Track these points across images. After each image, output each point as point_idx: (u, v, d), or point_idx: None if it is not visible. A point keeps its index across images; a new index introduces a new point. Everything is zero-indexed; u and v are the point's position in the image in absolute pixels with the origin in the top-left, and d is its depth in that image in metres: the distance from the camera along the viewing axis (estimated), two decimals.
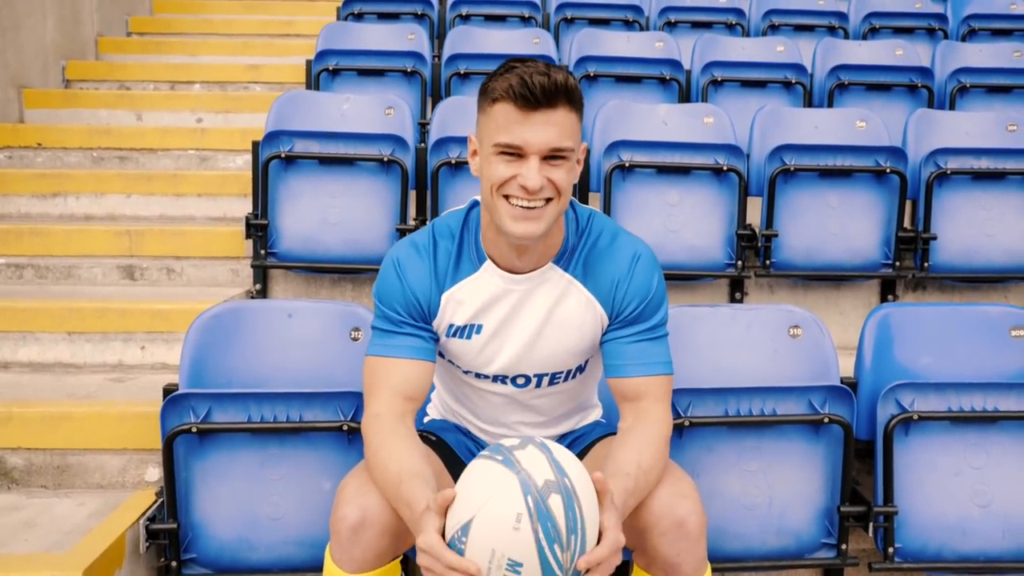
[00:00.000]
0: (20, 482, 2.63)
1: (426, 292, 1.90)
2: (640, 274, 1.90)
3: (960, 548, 2.37)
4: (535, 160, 1.71)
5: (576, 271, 1.91)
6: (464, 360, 1.97)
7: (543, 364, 1.95)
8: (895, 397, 2.37)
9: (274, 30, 6.53)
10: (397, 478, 1.69)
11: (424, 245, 1.92)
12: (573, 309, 1.91)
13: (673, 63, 4.61)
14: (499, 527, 1.44)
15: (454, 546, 1.48)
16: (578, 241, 1.92)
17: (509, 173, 1.73)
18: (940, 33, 5.67)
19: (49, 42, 5.42)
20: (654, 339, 1.90)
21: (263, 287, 3.58)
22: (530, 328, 1.91)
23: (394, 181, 3.51)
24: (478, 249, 1.91)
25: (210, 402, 2.20)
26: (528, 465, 1.48)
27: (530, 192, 1.72)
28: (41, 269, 3.70)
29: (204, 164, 4.73)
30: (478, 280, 1.91)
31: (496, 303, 1.90)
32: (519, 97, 1.69)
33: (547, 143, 1.71)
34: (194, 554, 2.23)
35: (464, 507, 1.48)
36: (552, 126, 1.71)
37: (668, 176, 3.49)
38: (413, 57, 4.66)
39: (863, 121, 4.04)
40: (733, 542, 2.31)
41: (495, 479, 1.48)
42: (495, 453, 1.52)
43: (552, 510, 1.44)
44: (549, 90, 1.68)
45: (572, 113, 1.74)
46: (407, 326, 1.89)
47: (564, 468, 1.49)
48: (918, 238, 3.54)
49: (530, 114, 1.70)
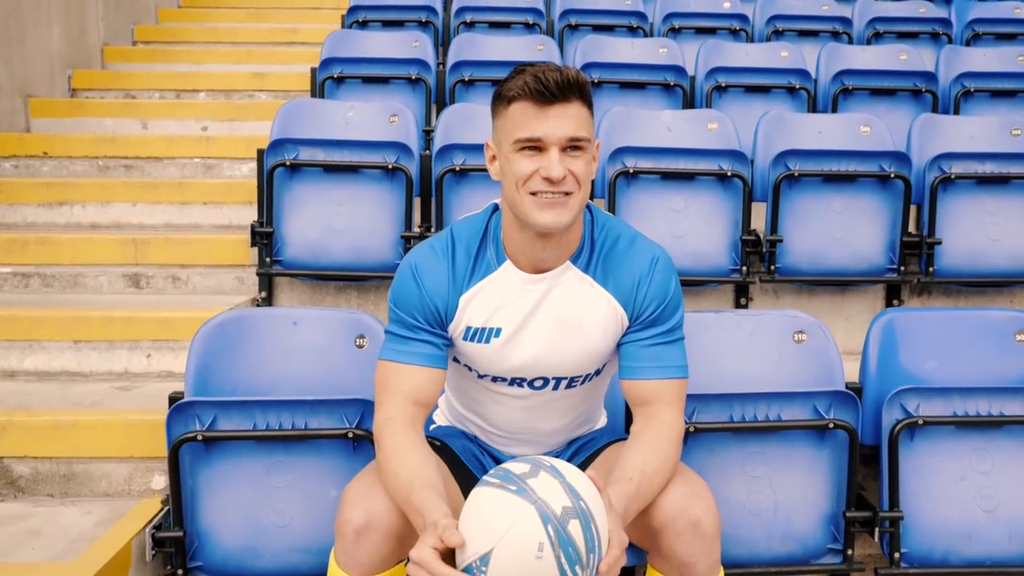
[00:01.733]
0: (26, 490, 2.64)
1: (444, 295, 1.91)
2: (659, 276, 1.92)
3: (966, 553, 2.37)
4: (555, 151, 1.76)
5: (595, 273, 1.92)
6: (481, 363, 1.97)
7: (563, 366, 1.95)
8: (900, 402, 2.37)
9: (279, 38, 6.55)
10: (408, 486, 1.70)
11: (443, 248, 1.94)
12: (594, 312, 1.91)
13: (677, 69, 4.61)
14: (521, 557, 1.46)
15: (474, 574, 1.50)
16: (595, 242, 1.94)
17: (532, 167, 1.77)
18: (944, 38, 5.67)
19: (55, 51, 5.44)
20: (670, 343, 1.91)
21: (268, 295, 3.59)
22: (549, 330, 1.92)
23: (399, 188, 3.51)
24: (498, 251, 1.92)
25: (216, 410, 2.20)
26: (544, 494, 1.49)
27: (554, 182, 1.75)
28: (47, 278, 3.71)
29: (209, 172, 4.75)
30: (496, 280, 1.92)
31: (514, 303, 1.91)
32: (535, 93, 1.75)
33: (566, 133, 1.76)
34: (200, 562, 2.23)
35: (483, 537, 1.49)
36: (569, 118, 1.76)
37: (672, 182, 3.49)
38: (417, 64, 4.67)
39: (867, 126, 4.04)
40: (739, 547, 2.30)
41: (513, 510, 1.48)
42: (507, 482, 1.52)
43: (572, 536, 1.46)
44: (563, 84, 1.75)
45: (585, 107, 1.79)
46: (422, 332, 1.90)
47: (578, 491, 1.50)
48: (923, 243, 3.54)
49: (547, 108, 1.75)
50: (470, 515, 1.54)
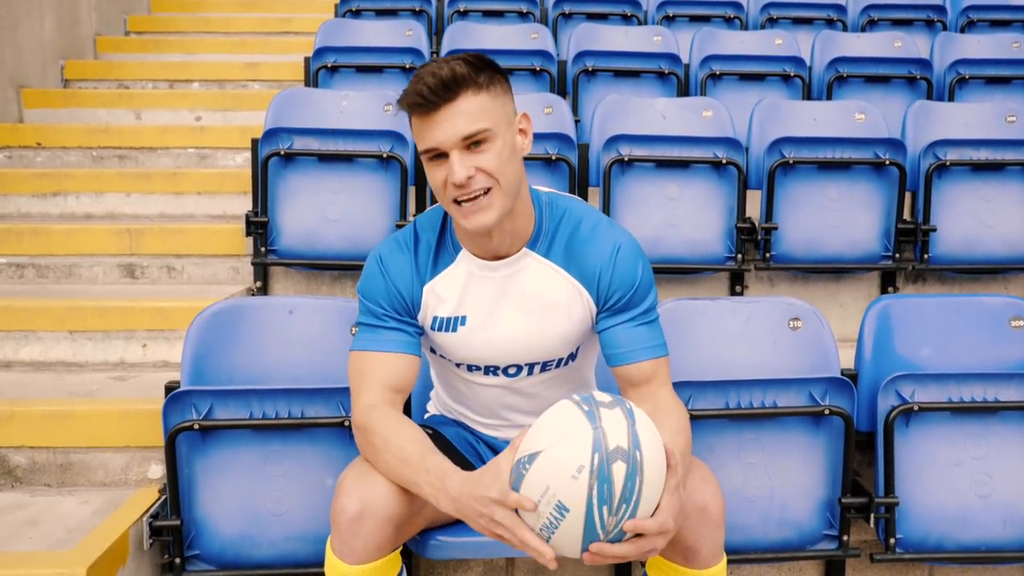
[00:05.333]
0: (23, 480, 2.64)
1: (408, 285, 1.92)
2: (622, 265, 1.90)
3: (961, 538, 2.38)
4: (455, 154, 1.73)
5: (556, 258, 1.92)
6: (454, 353, 1.98)
7: (534, 352, 1.96)
8: (895, 388, 2.37)
9: (272, 28, 6.52)
10: (420, 455, 1.70)
11: (405, 241, 1.95)
12: (558, 295, 1.91)
13: (671, 57, 4.61)
14: (560, 470, 1.48)
15: (518, 469, 1.53)
16: (555, 227, 1.92)
17: (442, 175, 1.75)
18: (939, 24, 5.67)
19: (47, 42, 5.42)
20: (649, 323, 1.92)
21: (264, 284, 3.58)
22: (515, 316, 1.92)
23: (393, 177, 3.51)
24: (453, 241, 1.94)
25: (212, 399, 2.20)
26: (607, 425, 1.50)
27: (460, 186, 1.73)
28: (42, 268, 3.70)
29: (203, 162, 4.73)
30: (456, 270, 1.93)
31: (475, 292, 1.92)
32: (415, 107, 1.73)
33: (456, 134, 1.72)
34: (197, 550, 2.23)
35: (539, 438, 1.53)
36: (457, 117, 1.71)
37: (667, 170, 3.49)
38: (411, 53, 4.66)
39: (862, 113, 4.04)
40: (735, 534, 2.31)
41: (573, 425, 1.51)
42: (584, 402, 1.55)
43: (613, 475, 1.47)
44: (439, 87, 1.70)
45: (480, 95, 1.73)
46: (391, 320, 1.91)
47: (640, 440, 1.50)
48: (918, 230, 3.55)
49: (433, 115, 1.72)
50: (541, 417, 1.57)
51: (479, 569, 2.53)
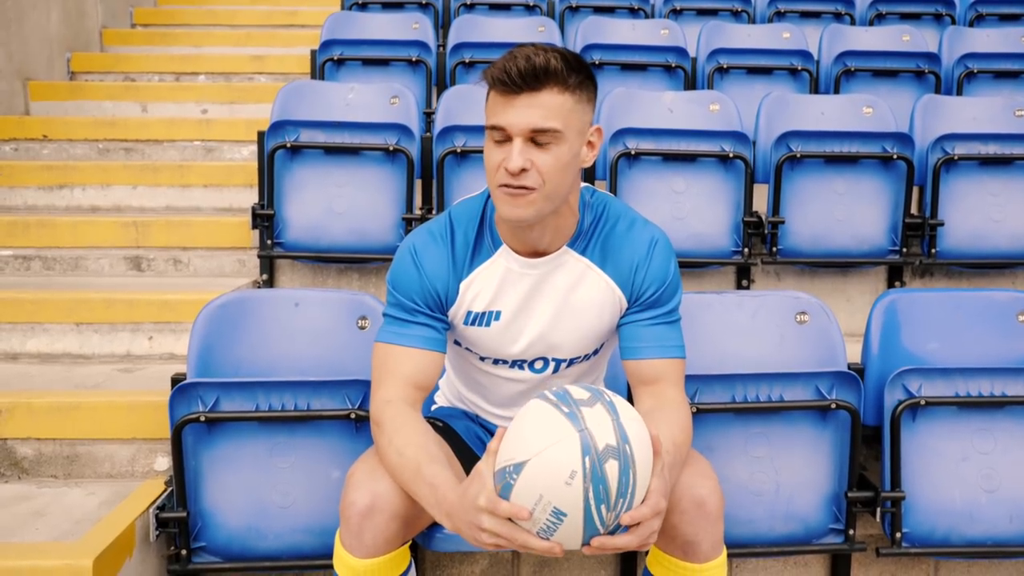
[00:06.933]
0: (30, 472, 2.64)
1: (444, 280, 1.90)
2: (658, 259, 1.90)
3: (967, 533, 2.37)
4: (518, 142, 1.71)
5: (593, 255, 1.91)
6: (482, 347, 1.97)
7: (563, 348, 1.96)
8: (902, 382, 2.37)
9: (278, 20, 6.53)
10: (416, 462, 1.70)
11: (442, 233, 1.92)
12: (592, 293, 1.91)
13: (678, 51, 4.60)
14: (552, 478, 1.46)
15: (504, 479, 1.50)
16: (594, 226, 1.92)
17: (499, 158, 1.73)
18: (947, 18, 5.64)
19: (54, 34, 5.42)
20: (670, 323, 1.91)
21: (270, 277, 3.59)
22: (548, 312, 1.92)
23: (400, 170, 3.51)
24: (493, 235, 1.92)
25: (218, 391, 2.20)
26: (592, 424, 1.48)
27: (512, 173, 1.71)
28: (48, 261, 3.71)
29: (210, 155, 4.74)
30: (494, 265, 1.91)
31: (512, 288, 1.91)
32: (497, 83, 1.71)
33: (528, 124, 1.70)
34: (203, 542, 2.24)
35: (522, 447, 1.49)
36: (535, 108, 1.69)
37: (674, 164, 3.48)
38: (418, 46, 4.65)
39: (870, 107, 4.03)
40: (741, 528, 2.31)
41: (557, 430, 1.48)
42: (562, 403, 1.51)
43: (607, 474, 1.46)
44: (527, 73, 1.67)
45: (564, 95, 1.71)
46: (422, 315, 1.89)
47: (627, 433, 1.49)
48: (925, 224, 3.54)
49: (513, 98, 1.70)
50: (517, 422, 1.54)
51: (485, 562, 2.53)
